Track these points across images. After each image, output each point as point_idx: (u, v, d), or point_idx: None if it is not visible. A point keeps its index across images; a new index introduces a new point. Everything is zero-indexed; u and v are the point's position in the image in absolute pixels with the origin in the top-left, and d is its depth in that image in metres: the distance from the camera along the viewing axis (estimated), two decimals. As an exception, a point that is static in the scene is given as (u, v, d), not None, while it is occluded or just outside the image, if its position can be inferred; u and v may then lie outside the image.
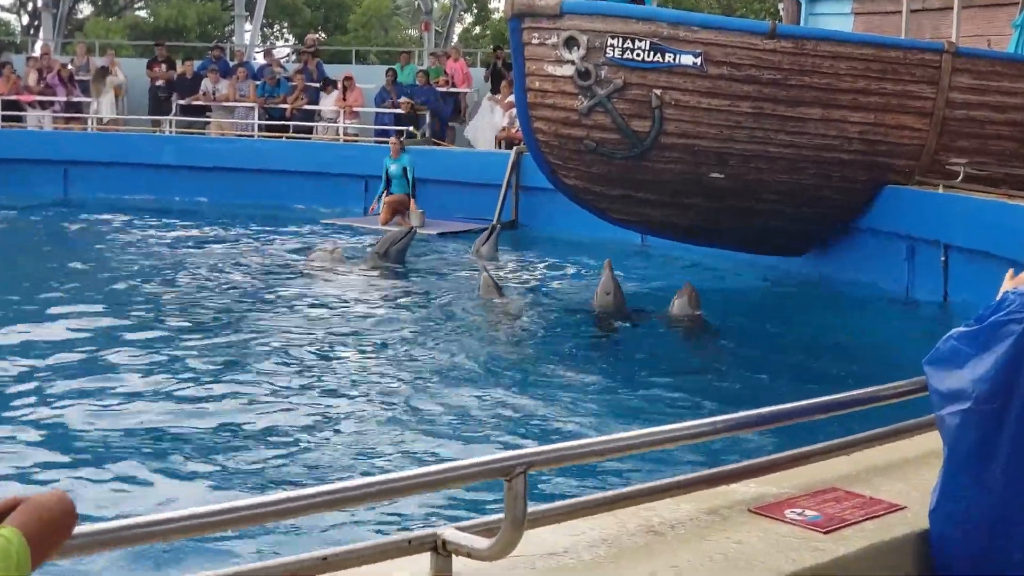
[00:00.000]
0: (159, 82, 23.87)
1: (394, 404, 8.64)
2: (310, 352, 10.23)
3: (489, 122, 21.47)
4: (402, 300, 12.91)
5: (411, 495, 3.19)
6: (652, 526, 3.34)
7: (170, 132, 23.00)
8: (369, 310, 12.28)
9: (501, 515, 2.96)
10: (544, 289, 14.13)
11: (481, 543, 2.97)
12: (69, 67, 23.89)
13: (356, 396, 8.86)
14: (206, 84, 23.34)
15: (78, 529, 2.27)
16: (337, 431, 7.98)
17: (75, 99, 23.51)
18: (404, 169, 18.85)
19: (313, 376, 9.45)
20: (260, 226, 18.57)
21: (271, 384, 9.13)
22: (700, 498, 3.52)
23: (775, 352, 10.76)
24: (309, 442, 7.73)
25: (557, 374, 9.73)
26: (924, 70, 13.19)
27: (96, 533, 2.50)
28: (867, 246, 14.00)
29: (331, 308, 12.32)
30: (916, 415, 4.29)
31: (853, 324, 12.39)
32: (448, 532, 3.00)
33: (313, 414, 8.36)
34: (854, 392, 4.04)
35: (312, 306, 12.35)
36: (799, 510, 3.45)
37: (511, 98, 20.86)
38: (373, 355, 10.24)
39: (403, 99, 22.10)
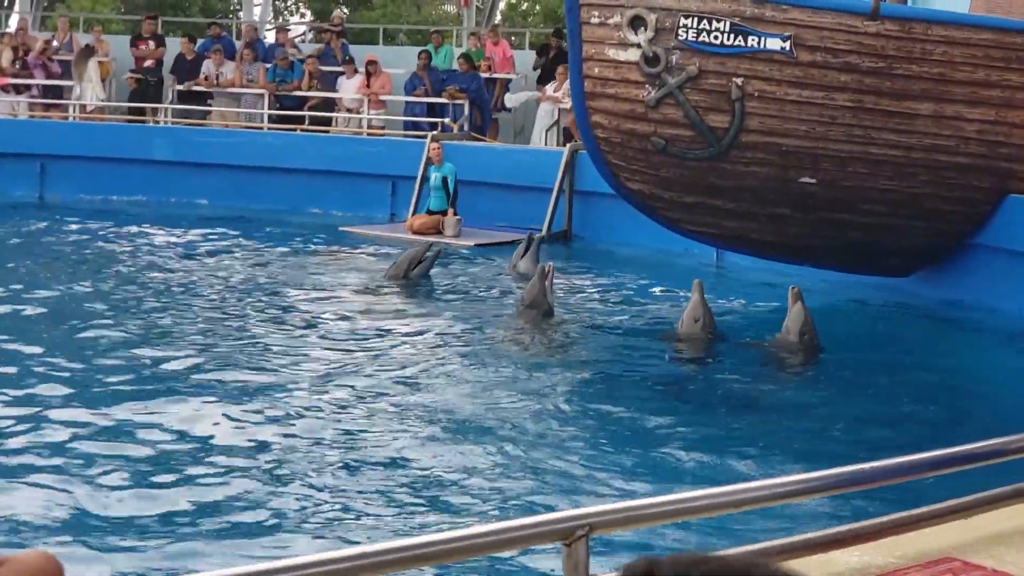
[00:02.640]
0: (147, 63, 24.04)
1: (426, 452, 8.63)
2: (323, 391, 10.24)
3: (545, 117, 21.54)
4: (431, 326, 12.90)
5: (452, 561, 3.22)
6: (735, 601, 3.35)
7: (165, 122, 23.19)
8: (393, 338, 12.29)
9: (560, 586, 2.99)
10: (604, 313, 14.13)
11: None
12: (54, 43, 24.12)
13: (380, 443, 8.87)
14: (208, 67, 23.53)
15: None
16: (358, 484, 7.99)
17: (55, 82, 23.75)
18: (445, 179, 18.91)
19: (327, 417, 9.46)
20: (267, 235, 18.65)
21: (277, 428, 9.15)
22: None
23: (877, 394, 10.72)
24: (326, 497, 7.75)
25: (625, 416, 9.71)
26: (1055, 59, 13.15)
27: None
28: (986, 266, 13.94)
29: (348, 336, 12.34)
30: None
31: (970, 361, 12.34)
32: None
33: (330, 465, 8.38)
34: (973, 445, 4.05)
35: (325, 335, 12.38)
36: (909, 584, 3.46)
37: (564, 88, 20.99)
38: (397, 393, 10.23)
39: (450, 87, 22.19)
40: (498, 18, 33.64)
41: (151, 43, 24.34)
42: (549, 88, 21.93)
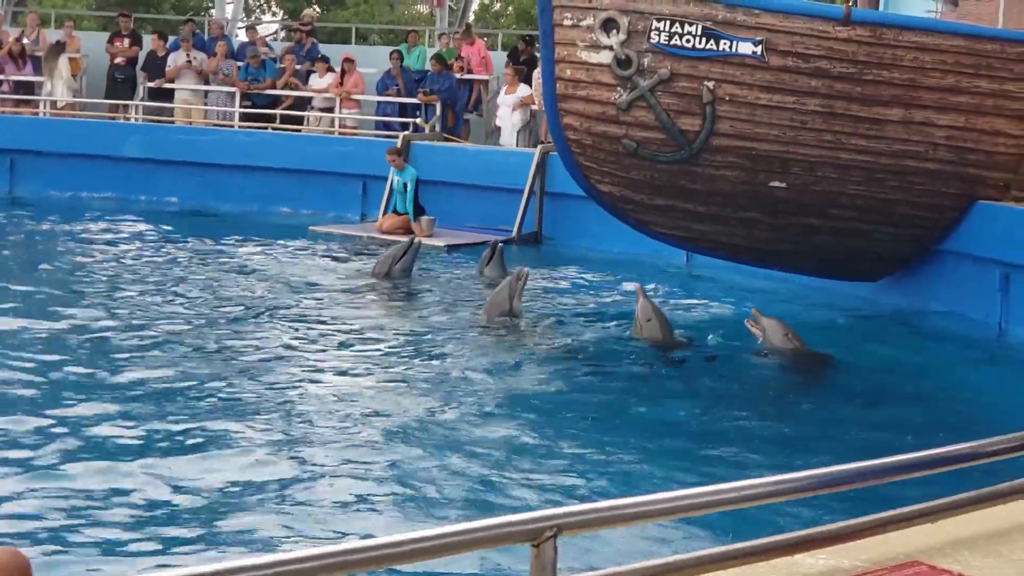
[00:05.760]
0: (118, 60, 23.95)
1: (391, 453, 8.62)
2: (298, 392, 10.22)
3: (508, 120, 21.53)
4: (398, 328, 12.90)
5: (417, 561, 3.21)
6: (702, 603, 3.36)
7: (136, 119, 23.11)
8: (368, 340, 12.26)
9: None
10: (573, 315, 14.12)
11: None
12: (24, 41, 24.00)
13: (351, 443, 8.84)
14: (176, 57, 23.38)
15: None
16: (329, 484, 7.97)
17: (25, 78, 23.63)
18: (406, 185, 18.97)
19: (294, 417, 9.44)
20: (238, 234, 18.56)
21: (251, 430, 9.10)
22: (759, 571, 3.53)
23: (843, 398, 10.74)
24: (295, 496, 7.73)
25: (593, 418, 9.71)
26: (1025, 66, 13.20)
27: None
28: (954, 272, 13.98)
29: (316, 337, 12.31)
30: (1011, 477, 4.30)
31: (935, 365, 12.36)
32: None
33: (300, 464, 8.36)
34: (941, 450, 4.05)
35: (300, 335, 12.34)
36: (875, 588, 3.46)
37: (521, 92, 21.02)
38: (363, 394, 10.22)
39: (422, 91, 22.18)
40: (471, 18, 33.59)
41: (126, 41, 24.26)
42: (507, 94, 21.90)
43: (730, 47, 13.05)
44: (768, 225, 13.94)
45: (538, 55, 21.90)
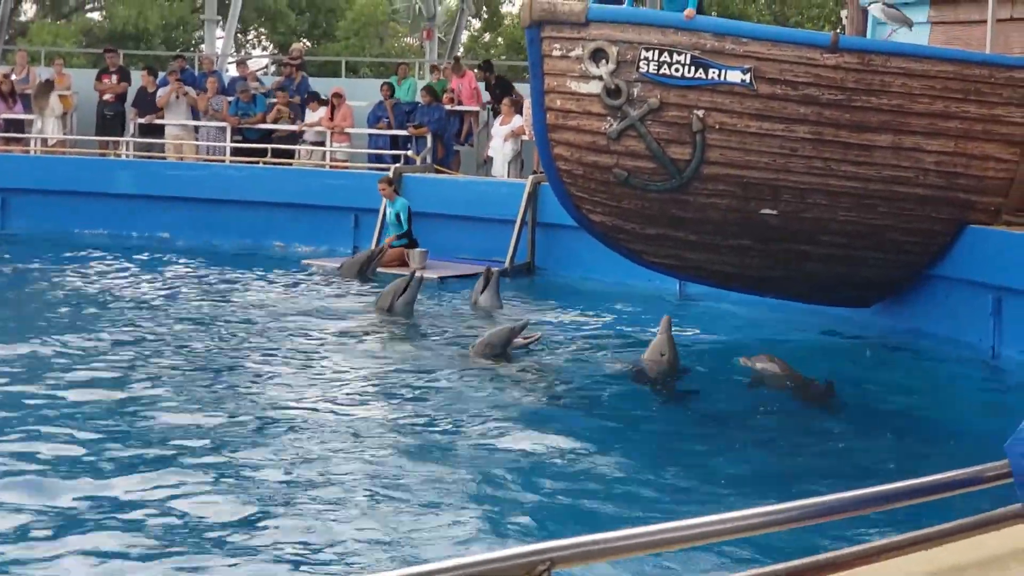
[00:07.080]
0: (106, 97, 24.00)
1: (389, 488, 8.61)
2: (294, 426, 10.21)
3: (500, 151, 21.60)
4: (406, 362, 12.86)
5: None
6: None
7: (127, 155, 23.14)
8: (370, 375, 12.24)
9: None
10: (566, 345, 14.11)
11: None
12: (12, 78, 24.06)
13: (344, 477, 8.84)
14: (165, 92, 23.42)
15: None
16: (319, 517, 7.96)
17: (15, 116, 23.67)
18: (398, 215, 19.02)
19: (286, 452, 9.43)
20: (231, 268, 18.55)
21: (244, 463, 9.11)
22: (754, 601, 3.53)
23: (837, 425, 10.75)
24: (284, 528, 7.72)
25: (586, 450, 9.69)
26: (1013, 91, 13.24)
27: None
28: (946, 297, 14.01)
29: (327, 371, 12.30)
30: (1005, 503, 4.31)
31: (928, 390, 12.38)
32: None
33: (294, 496, 8.37)
34: (939, 476, 4.04)
35: (297, 371, 12.33)
36: (869, 617, 3.47)
37: (515, 123, 21.10)
38: (355, 428, 10.22)
39: (412, 125, 22.27)
40: (460, 50, 33.67)
41: (114, 77, 24.33)
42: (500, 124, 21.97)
43: (719, 75, 13.10)
44: (759, 252, 13.97)
45: (508, 78, 22.12)
